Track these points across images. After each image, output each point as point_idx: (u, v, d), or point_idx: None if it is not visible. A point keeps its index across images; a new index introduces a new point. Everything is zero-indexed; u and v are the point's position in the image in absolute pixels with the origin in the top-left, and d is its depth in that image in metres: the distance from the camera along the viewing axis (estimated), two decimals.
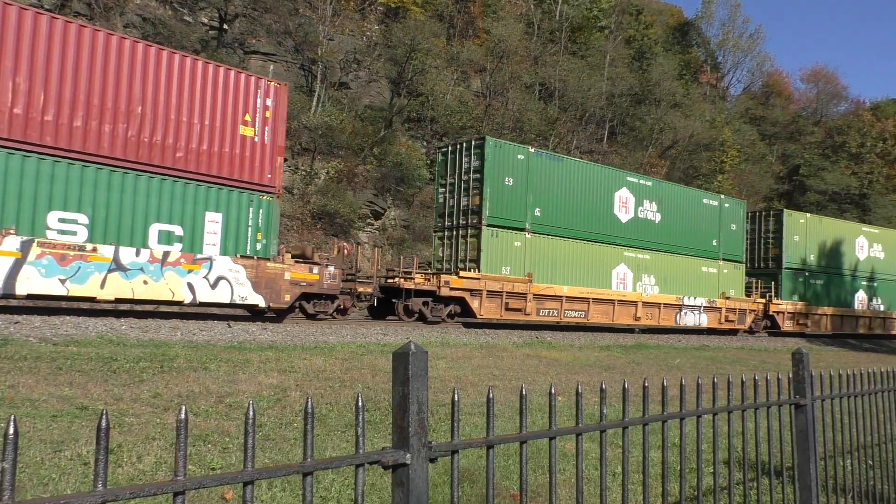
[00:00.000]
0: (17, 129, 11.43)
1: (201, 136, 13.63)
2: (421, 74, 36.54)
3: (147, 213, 12.91)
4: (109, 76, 12.54)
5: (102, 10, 26.29)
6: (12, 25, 11.39)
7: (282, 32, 32.91)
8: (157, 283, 12.90)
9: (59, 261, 11.75)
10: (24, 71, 11.51)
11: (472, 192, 18.96)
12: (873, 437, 4.18)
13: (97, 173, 12.30)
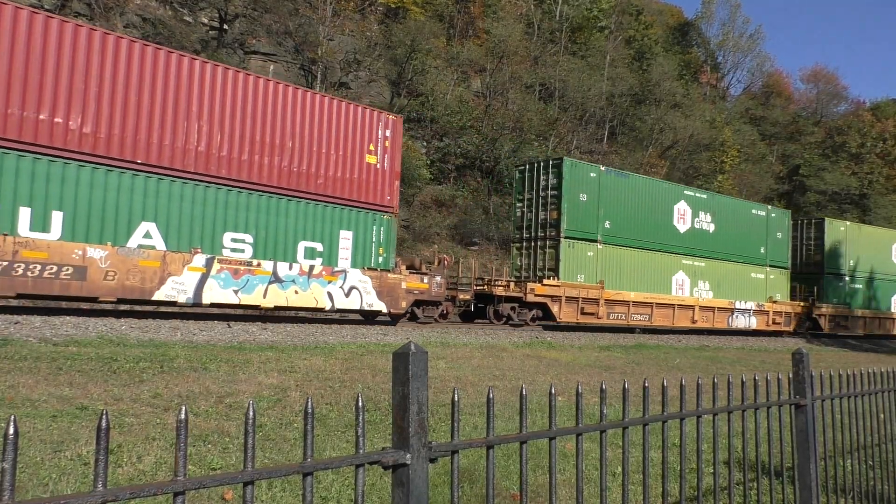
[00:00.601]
0: (201, 163, 13.75)
1: (336, 164, 15.84)
2: (421, 74, 36.54)
3: (296, 232, 15.14)
4: (267, 116, 14.74)
5: (102, 10, 26.29)
6: (197, 78, 13.79)
7: (282, 32, 32.91)
8: (305, 293, 15.04)
9: (233, 274, 14.02)
10: (205, 116, 13.85)
11: (549, 207, 20.99)
12: (873, 437, 4.18)
13: (259, 199, 14.60)
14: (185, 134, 13.54)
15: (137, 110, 13.02)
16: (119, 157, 12.73)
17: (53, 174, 11.96)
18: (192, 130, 13.63)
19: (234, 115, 14.25)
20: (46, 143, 11.86)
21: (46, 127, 11.87)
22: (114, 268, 12.53)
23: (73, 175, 12.19)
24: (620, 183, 22.29)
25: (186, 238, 13.54)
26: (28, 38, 11.79)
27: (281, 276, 14.61)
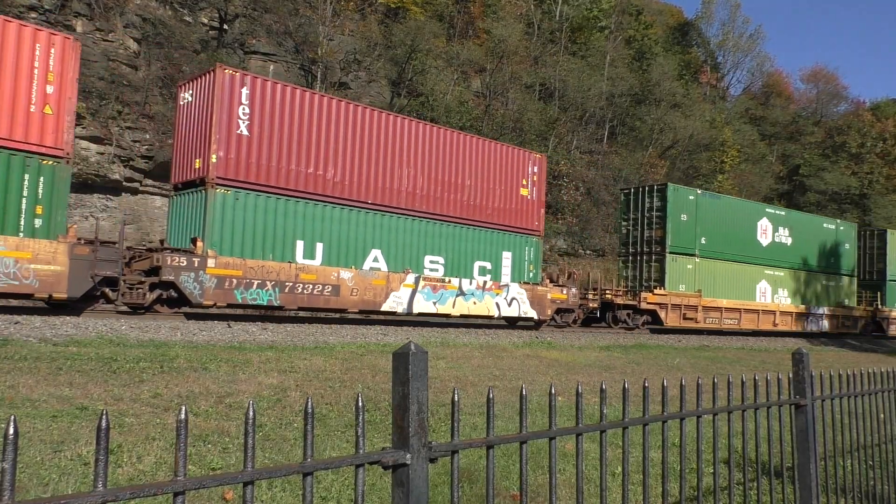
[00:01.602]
0: (408, 201, 17.32)
1: (498, 197, 19.34)
2: (421, 74, 36.53)
3: (473, 254, 18.66)
4: (451, 160, 18.28)
5: (102, 11, 26.29)
6: (406, 133, 17.33)
7: (282, 32, 32.90)
8: (481, 303, 18.42)
9: (432, 289, 17.42)
10: (410, 163, 17.41)
11: (654, 226, 23.99)
12: (873, 437, 4.18)
13: (448, 228, 18.14)
14: (398, 178, 17.17)
15: (367, 161, 16.60)
16: (357, 199, 16.38)
17: (317, 214, 15.65)
18: (403, 175, 17.30)
19: (430, 161, 17.80)
20: (313, 191, 15.66)
21: (312, 178, 15.67)
22: (357, 286, 16.03)
23: (328, 214, 15.89)
24: (713, 204, 25.41)
25: (400, 261, 17.11)
26: (301, 111, 15.44)
27: (464, 290, 18.17)
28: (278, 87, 15.28)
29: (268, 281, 14.53)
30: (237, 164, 14.48)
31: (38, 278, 11.76)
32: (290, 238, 15.11)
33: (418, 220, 17.43)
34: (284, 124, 15.18)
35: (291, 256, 15.05)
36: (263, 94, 14.88)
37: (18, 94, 11.75)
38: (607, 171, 43.78)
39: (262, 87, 14.91)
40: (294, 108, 15.39)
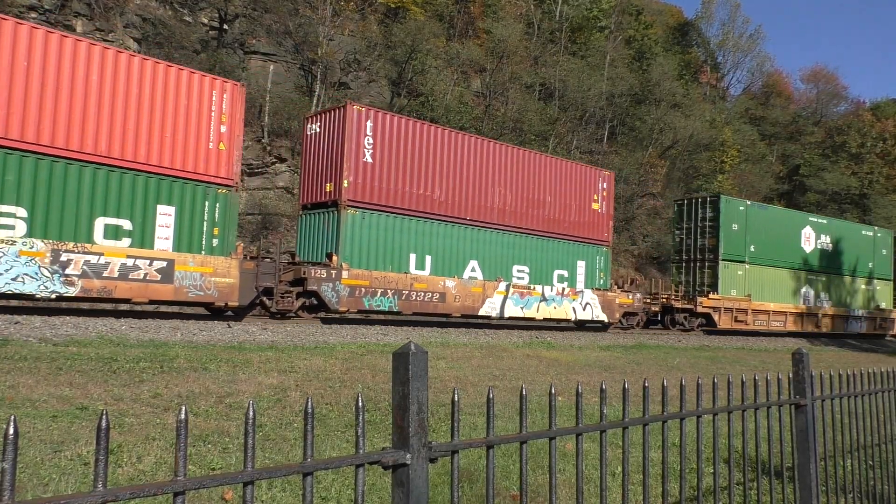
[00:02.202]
0: (500, 217, 19.33)
1: (574, 211, 21.40)
2: (421, 74, 36.53)
3: (553, 263, 20.62)
4: (534, 179, 20.25)
5: (102, 11, 26.29)
6: (496, 155, 19.34)
7: (282, 32, 32.90)
8: (560, 308, 20.37)
9: (520, 296, 19.32)
10: (500, 182, 19.39)
11: (708, 234, 25.85)
12: (873, 437, 4.18)
13: (532, 240, 20.11)
14: (491, 196, 19.17)
15: (466, 182, 18.59)
16: (458, 216, 18.38)
17: (426, 230, 17.70)
18: (494, 194, 19.29)
19: (516, 180, 19.78)
20: (423, 210, 17.64)
21: (422, 198, 17.67)
22: (459, 293, 18.03)
23: (435, 230, 17.87)
24: (761, 213, 27.17)
25: (493, 270, 19.00)
26: (413, 139, 17.57)
27: (546, 296, 20.02)
28: (395, 119, 17.48)
29: (389, 290, 16.66)
30: (363, 188, 16.56)
31: (217, 289, 13.96)
32: (406, 251, 17.30)
33: (508, 234, 19.58)
34: (400, 152, 17.30)
35: (406, 268, 17.26)
36: (384, 125, 17.00)
37: (200, 134, 14.01)
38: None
39: (383, 120, 17.05)
40: (407, 136, 17.48)
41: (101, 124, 12.64)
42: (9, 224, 11.65)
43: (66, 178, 12.24)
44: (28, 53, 11.83)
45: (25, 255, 11.65)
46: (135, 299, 12.99)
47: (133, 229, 13.06)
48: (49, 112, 12.04)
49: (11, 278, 11.56)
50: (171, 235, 13.48)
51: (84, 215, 12.46)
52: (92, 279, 12.36)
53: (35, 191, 11.91)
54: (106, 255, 12.50)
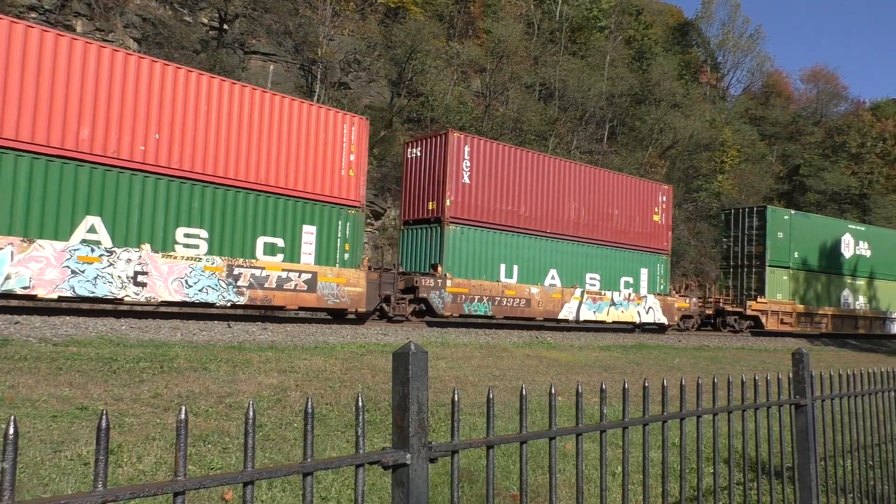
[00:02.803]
0: (574, 229, 21.30)
1: (637, 223, 23.37)
2: (421, 74, 36.52)
3: (620, 270, 22.59)
4: (603, 194, 22.20)
5: (102, 11, 26.28)
6: (571, 173, 21.36)
7: (282, 33, 32.89)
8: (626, 311, 22.38)
9: (593, 301, 21.42)
10: (574, 197, 21.38)
11: (754, 242, 27.68)
12: (873, 437, 4.18)
13: (602, 250, 22.10)
14: (567, 211, 21.13)
15: (546, 198, 20.51)
16: (539, 229, 20.31)
17: (514, 242, 19.65)
18: (569, 208, 21.22)
19: (588, 195, 21.75)
20: (511, 224, 19.60)
21: (510, 214, 19.59)
22: (541, 299, 19.99)
23: (521, 242, 19.81)
24: (804, 222, 29.04)
25: (569, 278, 20.98)
26: (503, 161, 19.55)
27: (615, 301, 22.02)
28: (488, 144, 19.57)
29: (484, 296, 18.68)
30: (462, 206, 18.54)
31: (349, 297, 16.12)
32: (497, 262, 19.33)
33: (581, 245, 21.51)
34: (492, 172, 19.28)
35: (497, 276, 19.24)
36: (478, 149, 19.02)
37: (335, 163, 16.12)
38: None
39: (478, 145, 19.10)
40: (498, 159, 19.46)
41: (260, 157, 14.83)
42: (195, 244, 13.85)
43: (235, 204, 14.45)
44: (207, 100, 14.11)
45: (209, 269, 13.86)
46: (287, 306, 15.19)
47: (285, 246, 15.29)
48: (223, 149, 14.28)
49: (199, 290, 13.67)
50: (313, 251, 15.72)
51: (249, 235, 14.69)
52: (256, 290, 14.57)
53: (213, 215, 14.08)
54: (266, 269, 14.74)
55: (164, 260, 13.26)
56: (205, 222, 13.98)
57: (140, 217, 13.15)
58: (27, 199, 11.80)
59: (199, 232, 13.90)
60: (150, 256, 13.09)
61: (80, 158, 12.40)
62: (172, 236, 13.56)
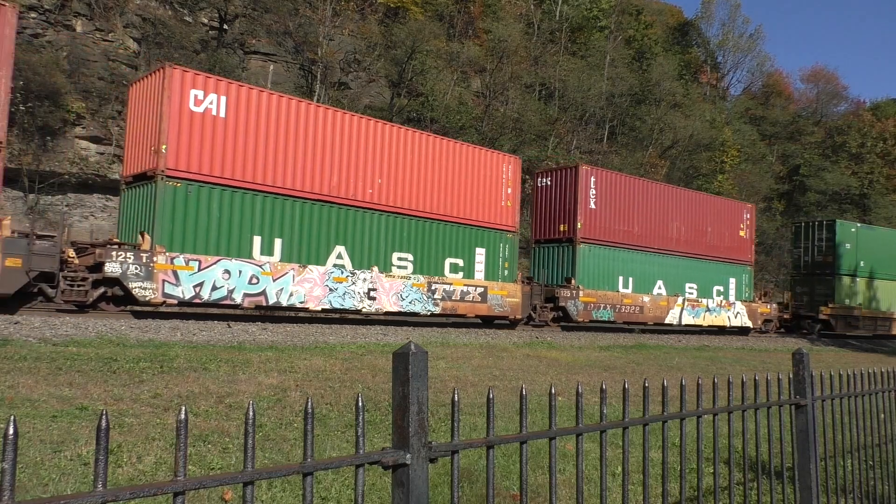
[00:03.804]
0: (675, 244, 24.55)
1: (727, 238, 26.55)
2: (421, 74, 36.52)
3: (713, 280, 25.71)
4: (699, 214, 25.53)
5: (102, 11, 26.28)
6: (672, 197, 24.67)
7: (282, 33, 32.88)
8: (719, 316, 25.66)
9: (692, 308, 24.62)
10: (678, 218, 24.73)
11: (825, 252, 30.35)
12: (873, 437, 4.18)
13: (698, 263, 25.11)
14: (670, 229, 24.25)
15: (653, 218, 23.78)
16: (649, 246, 23.50)
17: (629, 257, 22.89)
18: (672, 227, 24.39)
19: (687, 215, 24.99)
20: (627, 242, 22.80)
21: (627, 233, 22.91)
22: (651, 306, 23.24)
23: (635, 257, 23.13)
24: (870, 234, 31.74)
25: (672, 287, 24.15)
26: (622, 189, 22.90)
27: (710, 307, 25.23)
28: (608, 174, 22.84)
29: (608, 304, 21.76)
30: (589, 228, 21.76)
31: (510, 306, 19.46)
32: (616, 275, 22.43)
33: (682, 258, 24.62)
34: (611, 198, 22.46)
35: (616, 287, 22.40)
36: (601, 179, 22.25)
37: (497, 195, 19.68)
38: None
39: (601, 175, 22.38)
40: (615, 186, 22.68)
41: (445, 192, 18.44)
42: (405, 265, 17.48)
43: (430, 232, 18.01)
44: (411, 150, 17.75)
45: (416, 286, 17.43)
46: (467, 314, 18.91)
47: (463, 265, 18.80)
48: (421, 188, 17.91)
49: (409, 302, 17.22)
50: (483, 269, 19.20)
51: (440, 257, 18.25)
52: (447, 301, 18.01)
53: (416, 241, 17.68)
54: (453, 284, 18.29)
55: (387, 279, 16.91)
56: (411, 247, 17.65)
57: (369, 245, 16.83)
58: (300, 233, 15.56)
59: (407, 255, 17.59)
60: (377, 276, 16.78)
61: (331, 201, 16.15)
62: (390, 259, 17.23)
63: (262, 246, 14.94)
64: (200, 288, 13.86)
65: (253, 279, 14.58)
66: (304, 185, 15.67)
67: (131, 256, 13.11)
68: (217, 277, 14.09)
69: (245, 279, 14.47)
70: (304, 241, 15.61)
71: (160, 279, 13.35)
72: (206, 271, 13.94)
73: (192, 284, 13.75)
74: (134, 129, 15.03)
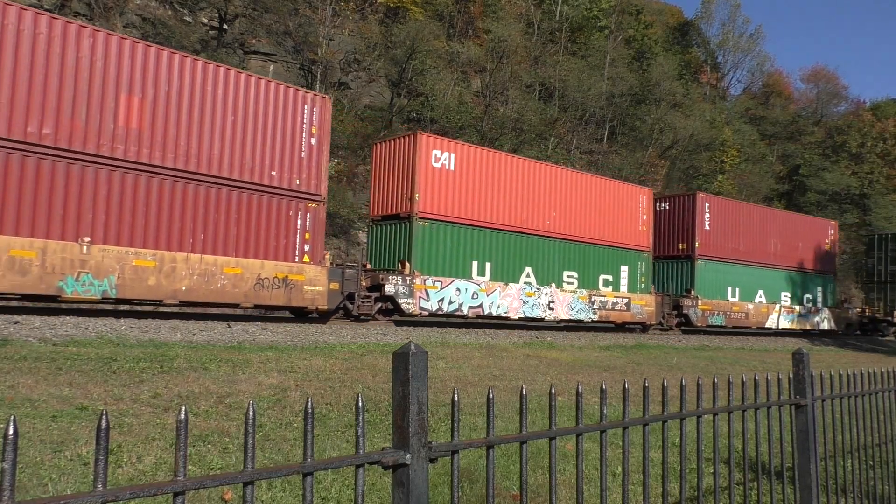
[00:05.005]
0: (772, 259, 28.40)
1: (812, 251, 30.38)
2: (421, 74, 36.52)
3: (803, 289, 29.61)
4: (791, 231, 29.40)
5: (102, 11, 26.28)
6: (775, 218, 29.06)
7: (282, 33, 32.89)
8: (809, 321, 29.23)
9: (787, 313, 28.53)
10: (775, 235, 28.60)
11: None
12: (873, 437, 4.18)
13: (791, 274, 28.97)
14: (767, 245, 27.98)
15: (755, 236, 27.63)
16: (751, 260, 27.31)
17: (736, 270, 26.64)
18: (769, 243, 28.22)
19: (782, 232, 28.78)
20: (735, 257, 26.64)
21: (733, 250, 26.58)
22: (754, 312, 26.91)
23: (740, 270, 26.85)
24: None
25: (770, 296, 27.80)
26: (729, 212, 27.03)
27: (801, 313, 29.04)
28: (719, 200, 27.05)
29: (720, 311, 25.54)
30: (705, 246, 25.64)
31: (647, 314, 23.34)
32: (725, 285, 26.25)
33: (778, 270, 28.34)
34: (723, 219, 26.38)
35: (725, 297, 26.10)
36: (713, 204, 26.26)
37: (635, 221, 23.67)
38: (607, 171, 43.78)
39: (716, 201, 26.62)
40: (725, 209, 26.64)
41: (597, 220, 22.25)
42: (572, 281, 21.38)
43: (589, 253, 21.91)
44: (573, 186, 21.79)
45: (581, 298, 21.38)
46: (615, 321, 22.60)
47: (613, 280, 22.60)
48: (581, 217, 21.77)
49: (576, 311, 21.12)
50: (626, 283, 23.04)
51: (594, 273, 22.04)
52: (602, 311, 21.94)
53: (579, 261, 21.52)
54: (606, 296, 22.15)
55: (561, 293, 20.88)
56: (575, 266, 21.51)
57: (548, 265, 20.76)
58: (502, 257, 19.61)
59: (573, 273, 21.47)
60: (554, 291, 20.74)
61: (522, 231, 20.11)
62: (561, 277, 21.12)
63: (478, 268, 19.09)
64: (442, 303, 17.99)
65: (474, 295, 18.76)
66: (504, 219, 19.77)
67: (400, 279, 17.21)
68: (451, 294, 18.29)
69: (469, 295, 18.65)
70: (505, 263, 19.71)
71: (417, 296, 17.45)
72: (445, 289, 18.17)
73: (436, 300, 17.90)
74: (380, 179, 19.19)
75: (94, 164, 12.57)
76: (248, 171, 14.71)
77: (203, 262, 13.81)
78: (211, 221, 14.07)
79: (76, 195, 12.30)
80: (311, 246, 15.71)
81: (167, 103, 13.52)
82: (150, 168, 13.26)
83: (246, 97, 14.65)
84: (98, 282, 12.45)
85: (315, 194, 15.81)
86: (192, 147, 13.85)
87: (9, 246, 11.48)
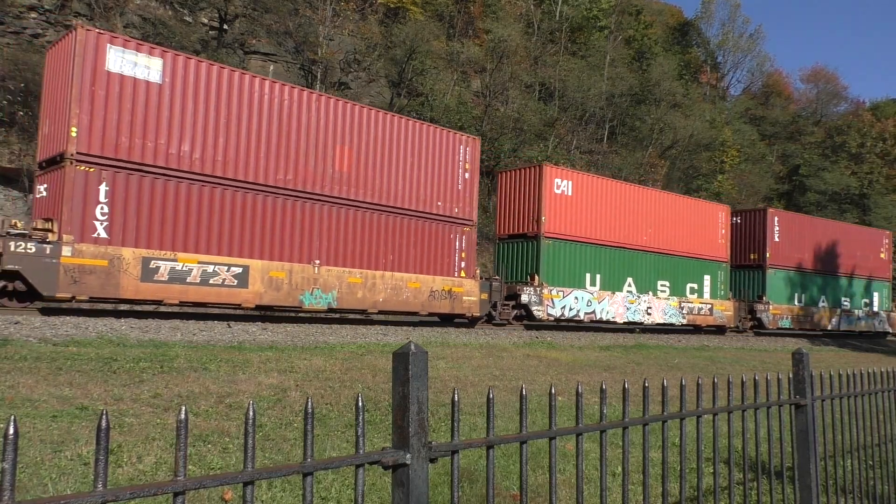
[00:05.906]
0: (836, 267, 31.25)
1: (870, 259, 33.28)
2: (421, 74, 36.51)
3: (862, 294, 32.81)
4: (849, 242, 32.24)
5: (102, 11, 26.28)
6: (847, 230, 32.81)
7: (282, 33, 32.87)
8: (867, 323, 32.60)
9: (847, 316, 31.35)
10: (840, 245, 31.49)
11: None
12: (873, 437, 4.18)
13: (852, 280, 32.09)
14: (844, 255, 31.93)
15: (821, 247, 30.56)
16: (816, 269, 30.05)
17: (799, 278, 29.19)
18: (846, 255, 31.92)
19: (843, 242, 31.64)
20: (800, 266, 29.30)
21: (799, 259, 29.54)
22: (818, 315, 29.90)
23: (806, 278, 29.64)
24: None
25: (832, 301, 31.09)
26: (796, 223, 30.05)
27: (860, 316, 32.39)
28: (789, 215, 29.96)
29: (788, 315, 28.37)
30: (775, 257, 28.26)
31: (726, 318, 26.14)
32: (793, 291, 28.99)
33: (841, 278, 31.45)
34: (790, 232, 29.03)
35: (792, 302, 28.90)
36: (783, 218, 29.20)
37: (715, 235, 26.39)
38: (607, 171, 43.78)
39: (784, 216, 29.63)
40: (791, 223, 29.38)
41: (682, 234, 24.92)
42: (664, 290, 24.14)
43: (679, 265, 24.67)
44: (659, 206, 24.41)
45: (672, 305, 24.26)
46: (701, 325, 25.42)
47: (697, 288, 25.44)
48: (673, 232, 24.64)
49: (668, 315, 23.99)
50: (709, 290, 25.72)
51: (683, 282, 24.84)
52: (689, 315, 24.81)
53: (670, 271, 24.31)
54: (692, 302, 25.08)
55: (656, 300, 23.72)
56: (667, 276, 24.33)
57: (645, 276, 23.49)
58: (609, 270, 22.38)
59: (666, 282, 24.24)
60: (651, 298, 23.58)
61: (624, 246, 22.92)
62: (656, 285, 23.91)
63: (590, 279, 21.87)
64: (563, 309, 20.77)
65: (588, 303, 21.52)
66: (610, 236, 22.49)
67: (532, 290, 20.09)
68: (571, 302, 21.10)
69: (584, 302, 21.46)
70: (611, 275, 22.42)
71: (545, 304, 20.27)
72: (566, 298, 21.00)
73: (560, 307, 20.69)
74: (506, 203, 21.99)
75: (320, 202, 15.83)
76: (422, 203, 17.97)
77: (393, 278, 17.13)
78: (396, 244, 17.38)
79: (308, 226, 15.59)
80: (466, 263, 19.06)
81: (367, 150, 16.74)
82: (355, 203, 16.56)
83: (419, 142, 17.85)
84: (325, 295, 15.68)
85: (468, 220, 19.15)
86: (382, 184, 17.11)
87: (269, 269, 14.81)
